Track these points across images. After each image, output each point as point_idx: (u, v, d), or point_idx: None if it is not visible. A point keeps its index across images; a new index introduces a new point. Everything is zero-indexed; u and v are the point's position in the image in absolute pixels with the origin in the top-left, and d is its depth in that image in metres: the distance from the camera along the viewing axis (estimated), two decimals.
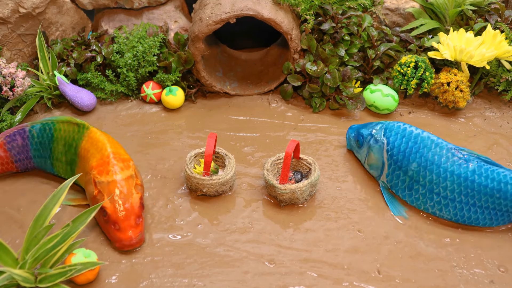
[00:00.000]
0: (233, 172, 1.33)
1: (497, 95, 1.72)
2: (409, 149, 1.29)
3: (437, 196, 1.25)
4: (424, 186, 1.26)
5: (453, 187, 1.24)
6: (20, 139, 1.36)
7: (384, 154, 1.32)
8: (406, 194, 1.31)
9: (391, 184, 1.33)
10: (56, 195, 1.12)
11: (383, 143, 1.33)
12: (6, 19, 1.64)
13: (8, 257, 1.04)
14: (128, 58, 1.63)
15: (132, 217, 1.18)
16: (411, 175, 1.28)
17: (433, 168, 1.25)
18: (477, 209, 1.23)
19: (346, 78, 1.60)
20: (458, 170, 1.23)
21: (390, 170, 1.32)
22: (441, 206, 1.26)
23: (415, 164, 1.27)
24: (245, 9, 1.55)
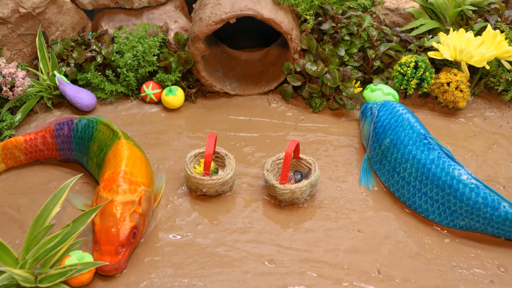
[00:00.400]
0: (233, 172, 1.33)
1: (497, 95, 1.72)
2: (388, 125, 1.36)
3: (397, 175, 1.30)
4: (390, 163, 1.32)
5: (411, 170, 1.28)
6: (66, 129, 1.39)
7: (372, 126, 1.41)
8: (377, 167, 1.38)
9: (370, 155, 1.41)
10: (56, 195, 1.12)
11: (373, 116, 1.43)
12: (6, 19, 1.64)
13: (8, 257, 1.04)
14: (128, 58, 1.63)
15: (114, 245, 1.09)
16: (383, 150, 1.35)
17: (400, 147, 1.31)
18: (428, 199, 1.25)
19: (346, 78, 1.60)
20: (420, 155, 1.27)
21: (371, 141, 1.40)
22: (398, 187, 1.31)
23: (388, 140, 1.34)
24: (245, 9, 1.55)
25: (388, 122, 1.37)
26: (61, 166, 1.44)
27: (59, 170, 1.43)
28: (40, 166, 1.44)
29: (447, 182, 1.22)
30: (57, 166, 1.44)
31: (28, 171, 1.42)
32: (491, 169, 1.43)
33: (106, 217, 1.11)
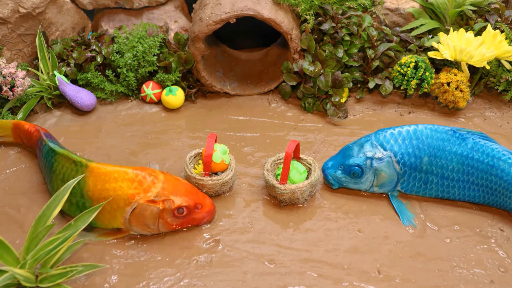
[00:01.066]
0: (233, 172, 1.33)
1: (497, 95, 1.72)
2: (417, 148, 1.28)
3: (447, 180, 1.28)
4: (437, 175, 1.28)
5: (458, 167, 1.27)
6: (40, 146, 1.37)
7: (396, 166, 1.29)
8: (421, 189, 1.31)
9: (406, 188, 1.32)
10: (58, 196, 1.12)
11: (389, 157, 1.29)
12: (6, 19, 1.64)
13: (10, 257, 1.04)
14: (128, 58, 1.63)
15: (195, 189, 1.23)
16: (426, 170, 1.28)
17: (441, 154, 1.27)
18: (475, 186, 1.27)
19: (338, 84, 1.59)
20: (459, 149, 1.26)
21: (406, 176, 1.30)
22: (449, 189, 1.29)
23: (426, 158, 1.28)
24: (245, 9, 1.55)
25: (413, 146, 1.28)
26: None
27: None
28: None
29: (490, 163, 1.25)
30: None
31: (28, 171, 1.42)
32: None
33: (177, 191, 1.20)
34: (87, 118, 1.63)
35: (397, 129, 1.31)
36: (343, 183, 1.33)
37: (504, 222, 1.27)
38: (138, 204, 1.16)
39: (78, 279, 1.12)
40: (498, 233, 1.24)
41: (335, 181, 1.33)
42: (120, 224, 1.19)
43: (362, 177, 1.30)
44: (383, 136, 1.31)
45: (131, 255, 1.18)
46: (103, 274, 1.13)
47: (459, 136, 1.28)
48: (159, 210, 1.16)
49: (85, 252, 1.18)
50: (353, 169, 1.29)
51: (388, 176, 1.29)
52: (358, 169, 1.29)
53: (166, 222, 1.19)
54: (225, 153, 1.32)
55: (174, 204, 1.17)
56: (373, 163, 1.28)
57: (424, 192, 1.32)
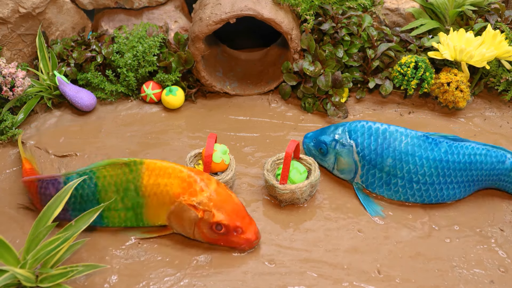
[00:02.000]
0: (233, 172, 1.33)
1: (497, 95, 1.72)
2: (380, 146, 1.30)
3: (417, 184, 1.29)
4: (403, 179, 1.29)
5: (431, 171, 1.28)
6: (53, 190, 1.22)
7: (355, 156, 1.32)
8: (384, 189, 1.33)
9: (366, 183, 1.34)
10: (60, 196, 1.12)
11: (351, 146, 1.33)
12: (6, 19, 1.64)
13: (10, 256, 1.04)
14: (128, 58, 1.63)
15: (245, 213, 1.16)
16: (388, 171, 1.30)
17: (408, 159, 1.28)
18: (454, 185, 1.30)
19: (338, 84, 1.59)
20: (434, 154, 1.28)
21: (365, 170, 1.32)
22: (422, 193, 1.30)
23: (390, 160, 1.29)
24: (245, 9, 1.55)
25: (376, 144, 1.31)
26: (61, 166, 1.44)
27: (59, 170, 1.43)
28: (40, 165, 1.44)
29: (467, 161, 1.29)
30: (57, 166, 1.44)
31: None
32: None
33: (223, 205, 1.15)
34: (87, 118, 1.63)
35: (370, 123, 1.34)
36: (313, 156, 1.41)
37: (504, 222, 1.27)
38: (178, 203, 1.15)
39: (78, 279, 1.12)
40: (498, 233, 1.24)
41: (308, 151, 1.43)
42: (165, 221, 1.18)
43: (326, 156, 1.37)
44: (355, 125, 1.35)
45: (131, 255, 1.18)
46: (103, 274, 1.13)
47: (431, 141, 1.30)
48: (197, 217, 1.14)
49: (85, 252, 1.18)
50: (320, 145, 1.37)
51: (347, 163, 1.33)
52: (324, 147, 1.36)
53: (202, 232, 1.16)
54: (225, 153, 1.32)
55: (213, 218, 1.13)
56: (336, 146, 1.35)
57: (389, 194, 1.33)
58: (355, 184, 1.36)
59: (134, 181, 1.17)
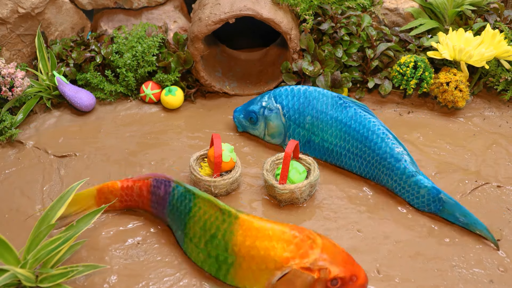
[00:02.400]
0: (240, 169, 1.34)
1: (496, 95, 1.72)
2: (302, 105, 1.38)
3: (327, 143, 1.38)
4: (318, 136, 1.38)
5: (337, 133, 1.36)
6: (163, 190, 1.20)
7: (282, 119, 1.40)
8: (307, 148, 1.41)
9: None
10: (63, 197, 1.13)
11: (278, 109, 1.41)
12: (5, 19, 1.64)
13: (10, 256, 1.04)
14: (127, 58, 1.63)
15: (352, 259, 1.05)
16: (308, 128, 1.39)
17: (322, 116, 1.37)
18: (350, 155, 1.35)
19: (337, 83, 1.59)
20: (340, 116, 1.35)
21: (291, 131, 1.41)
22: (330, 152, 1.38)
23: (309, 117, 1.38)
24: (244, 9, 1.55)
25: (299, 103, 1.39)
26: (60, 166, 1.44)
27: (59, 170, 1.43)
28: (39, 165, 1.44)
29: (364, 134, 1.33)
30: (56, 166, 1.44)
31: (28, 171, 1.42)
32: (490, 168, 1.43)
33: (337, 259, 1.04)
34: (86, 118, 1.63)
35: (292, 86, 1.43)
36: (245, 127, 1.49)
37: (504, 222, 1.27)
38: (291, 270, 1.02)
39: (78, 279, 1.12)
40: (497, 233, 1.24)
41: (239, 124, 1.49)
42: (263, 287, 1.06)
43: (257, 123, 1.45)
44: (279, 90, 1.43)
45: (130, 255, 1.18)
46: (103, 274, 1.13)
47: (342, 103, 1.36)
48: (313, 279, 1.01)
49: (85, 252, 1.18)
50: (250, 114, 1.44)
51: (277, 126, 1.42)
52: (254, 116, 1.44)
53: None
54: (231, 151, 1.33)
55: (330, 274, 1.01)
56: (265, 112, 1.42)
57: (310, 152, 1.42)
58: (285, 146, 1.44)
59: (224, 233, 1.07)
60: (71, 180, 1.38)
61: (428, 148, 1.50)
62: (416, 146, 1.51)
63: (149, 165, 1.44)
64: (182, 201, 1.15)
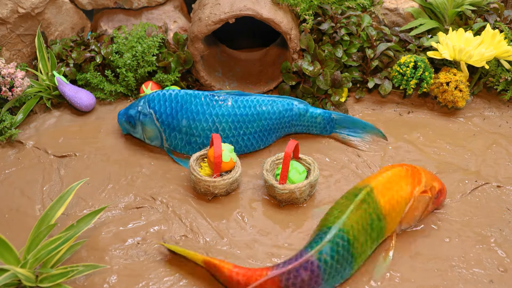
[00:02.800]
0: (241, 169, 1.34)
1: (496, 95, 1.72)
2: (174, 110, 1.41)
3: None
4: (200, 136, 1.41)
5: (224, 126, 1.40)
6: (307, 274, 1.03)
7: (156, 123, 1.43)
8: (188, 149, 1.45)
9: (173, 146, 1.46)
10: (62, 197, 1.13)
11: (151, 114, 1.43)
12: (5, 19, 1.64)
13: (11, 256, 1.04)
14: (127, 58, 1.63)
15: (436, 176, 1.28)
16: (186, 131, 1.41)
17: (200, 117, 1.40)
18: (249, 136, 1.43)
19: (337, 83, 1.59)
20: (221, 110, 1.40)
21: (167, 134, 1.43)
22: None
23: (184, 121, 1.41)
24: (244, 9, 1.55)
25: (171, 109, 1.41)
26: (60, 166, 1.44)
27: (59, 170, 1.43)
28: (39, 165, 1.44)
29: (254, 113, 1.42)
30: (56, 166, 1.44)
31: (28, 171, 1.42)
32: (490, 168, 1.43)
33: None
34: (86, 118, 1.63)
35: (164, 91, 1.46)
36: (128, 130, 1.50)
37: (504, 222, 1.27)
38: (414, 198, 1.18)
39: (78, 279, 1.12)
40: (497, 233, 1.24)
41: (122, 127, 1.51)
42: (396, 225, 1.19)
43: (136, 127, 1.47)
44: (152, 95, 1.46)
45: (130, 255, 1.18)
46: (103, 274, 1.13)
47: (218, 99, 1.42)
48: (430, 198, 1.21)
49: (85, 252, 1.18)
50: (129, 119, 1.47)
51: (152, 130, 1.44)
52: (132, 120, 1.46)
53: (427, 210, 1.23)
54: (231, 151, 1.33)
55: (435, 189, 1.22)
56: (140, 116, 1.45)
57: (193, 152, 1.44)
58: (166, 149, 1.47)
59: (374, 211, 1.12)
60: (71, 180, 1.38)
61: (428, 148, 1.50)
62: (416, 146, 1.51)
63: (149, 165, 1.44)
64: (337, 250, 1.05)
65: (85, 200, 1.33)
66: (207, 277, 1.13)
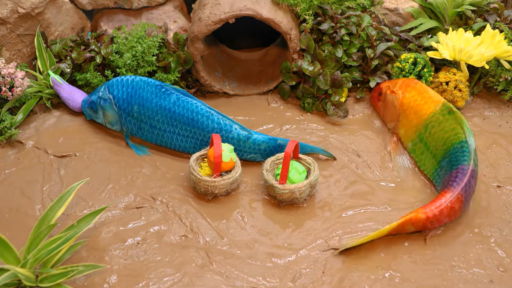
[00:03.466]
0: (240, 169, 1.34)
1: (496, 95, 1.72)
2: (129, 96, 1.46)
3: (156, 129, 1.46)
4: (147, 123, 1.46)
5: (163, 119, 1.44)
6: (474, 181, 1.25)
7: (115, 108, 1.48)
8: (141, 134, 1.49)
9: (129, 130, 1.50)
10: (63, 197, 1.13)
11: (110, 99, 1.48)
12: (5, 19, 1.64)
13: (11, 256, 1.04)
14: (127, 58, 1.63)
15: None
16: (137, 117, 1.46)
17: (147, 104, 1.44)
18: (182, 137, 1.44)
19: (337, 83, 1.59)
20: (164, 102, 1.43)
21: (123, 119, 1.48)
22: (161, 137, 1.46)
23: (136, 106, 1.45)
24: (244, 9, 1.55)
25: (127, 94, 1.46)
26: (60, 166, 1.44)
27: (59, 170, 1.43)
28: (39, 165, 1.44)
29: (189, 116, 1.42)
30: (56, 166, 1.44)
31: (28, 171, 1.42)
32: (490, 168, 1.43)
33: None
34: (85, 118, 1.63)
35: (122, 77, 1.50)
36: (91, 116, 1.55)
37: (504, 222, 1.27)
38: None
39: (78, 279, 1.12)
40: (497, 233, 1.24)
41: (86, 113, 1.55)
42: None
43: (97, 113, 1.51)
44: (111, 81, 1.50)
45: (130, 255, 1.18)
46: (103, 274, 1.13)
47: (165, 91, 1.44)
48: None
49: (85, 252, 1.18)
50: (91, 104, 1.51)
51: (111, 115, 1.49)
52: (94, 105, 1.50)
53: None
54: (231, 151, 1.33)
55: None
56: (101, 102, 1.49)
57: (145, 137, 1.49)
58: (124, 133, 1.51)
59: None
60: (71, 180, 1.38)
61: None
62: None
63: (148, 165, 1.44)
64: None
65: (85, 200, 1.33)
66: (207, 277, 1.13)
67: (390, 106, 1.53)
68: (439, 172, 1.33)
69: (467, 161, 1.26)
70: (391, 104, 1.53)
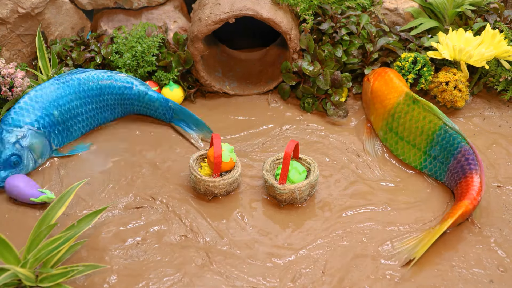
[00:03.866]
0: (240, 169, 1.33)
1: (496, 95, 1.72)
2: (43, 108, 1.43)
3: (80, 116, 1.50)
4: (74, 118, 1.49)
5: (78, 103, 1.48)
6: None
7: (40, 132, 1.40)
8: (71, 136, 1.50)
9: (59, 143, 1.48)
10: (63, 197, 1.13)
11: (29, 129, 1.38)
12: (5, 19, 1.64)
13: (11, 255, 1.04)
14: (127, 58, 1.63)
15: None
16: (63, 120, 1.46)
17: (59, 102, 1.45)
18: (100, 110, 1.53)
19: (337, 83, 1.59)
20: (69, 90, 1.47)
21: (52, 134, 1.44)
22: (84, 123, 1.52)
23: (56, 112, 1.45)
24: (244, 9, 1.55)
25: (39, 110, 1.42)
26: (61, 165, 1.44)
27: (59, 170, 1.43)
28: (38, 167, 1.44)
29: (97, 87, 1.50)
30: (57, 166, 1.44)
31: None
32: (490, 168, 1.43)
33: None
34: None
35: (17, 105, 1.41)
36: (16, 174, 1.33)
37: (504, 222, 1.27)
38: None
39: (78, 279, 1.12)
40: (497, 233, 1.24)
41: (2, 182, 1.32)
42: None
43: (24, 159, 1.35)
44: (10, 119, 1.38)
45: (130, 255, 1.18)
46: (103, 274, 1.13)
47: (63, 81, 1.47)
48: None
49: (85, 252, 1.18)
50: (11, 160, 1.32)
51: (41, 143, 1.41)
52: (16, 157, 1.33)
53: None
54: (231, 151, 1.33)
55: None
56: (22, 143, 1.35)
57: (75, 136, 1.51)
58: (54, 152, 1.47)
59: None
60: (71, 180, 1.38)
61: None
62: None
63: (148, 165, 1.44)
64: None
65: (85, 200, 1.33)
66: (207, 277, 1.13)
67: (364, 94, 1.63)
68: (432, 161, 1.37)
69: (463, 141, 1.31)
70: (364, 92, 1.61)
